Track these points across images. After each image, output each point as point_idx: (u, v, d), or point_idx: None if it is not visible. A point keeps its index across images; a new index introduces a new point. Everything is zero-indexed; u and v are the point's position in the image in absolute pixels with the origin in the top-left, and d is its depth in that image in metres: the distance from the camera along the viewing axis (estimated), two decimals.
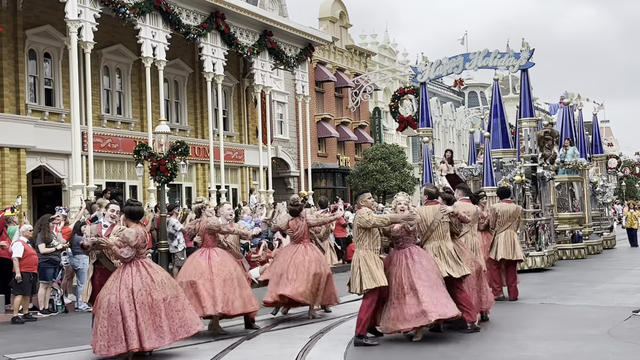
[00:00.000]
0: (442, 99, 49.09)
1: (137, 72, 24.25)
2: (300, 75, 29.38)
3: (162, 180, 17.46)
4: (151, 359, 8.21)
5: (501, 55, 14.23)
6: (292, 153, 33.58)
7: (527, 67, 13.67)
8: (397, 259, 8.77)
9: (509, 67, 13.94)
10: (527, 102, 14.32)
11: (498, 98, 15.68)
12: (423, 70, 14.32)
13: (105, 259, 8.83)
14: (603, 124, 67.55)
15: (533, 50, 13.89)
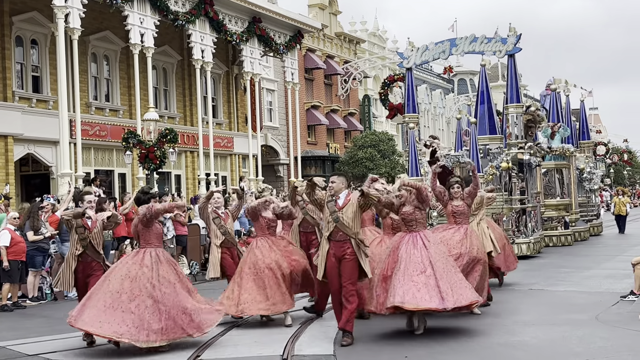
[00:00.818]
0: (431, 86, 49.08)
1: (125, 59, 24.12)
2: (290, 62, 29.29)
3: (151, 167, 17.45)
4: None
5: (488, 40, 14.15)
6: (281, 141, 33.54)
7: (514, 52, 13.59)
8: (410, 240, 8.41)
9: (495, 53, 13.86)
10: (514, 88, 14.27)
11: (485, 84, 15.62)
12: (409, 55, 14.20)
13: (92, 249, 8.62)
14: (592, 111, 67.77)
15: (520, 36, 13.80)
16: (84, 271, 8.58)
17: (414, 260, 8.16)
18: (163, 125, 20.55)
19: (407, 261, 8.17)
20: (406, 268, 8.11)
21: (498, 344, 7.77)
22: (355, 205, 8.22)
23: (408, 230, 8.59)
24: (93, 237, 8.67)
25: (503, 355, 7.30)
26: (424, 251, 8.26)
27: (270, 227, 9.70)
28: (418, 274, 8.04)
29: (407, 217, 8.61)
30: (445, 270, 8.16)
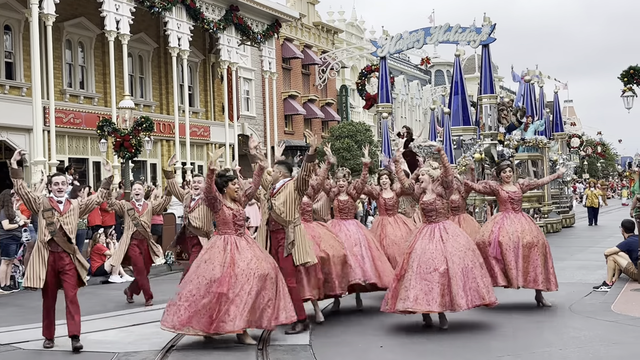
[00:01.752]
0: (409, 77, 49.17)
1: (101, 46, 23.86)
2: (267, 51, 29.15)
3: (126, 156, 17.29)
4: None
5: (462, 30, 14.08)
6: (258, 130, 33.41)
7: (489, 42, 13.55)
8: (427, 232, 8.00)
9: (470, 42, 13.80)
10: (488, 78, 14.23)
11: (459, 75, 15.56)
12: (384, 44, 14.10)
13: (62, 237, 7.57)
14: (566, 103, 68.42)
15: (494, 26, 13.75)
16: (54, 263, 7.56)
17: (428, 256, 7.79)
18: (138, 114, 20.38)
19: (420, 258, 7.80)
20: (419, 266, 7.76)
21: (472, 333, 7.82)
22: (290, 193, 8.03)
23: (427, 222, 8.15)
24: (64, 222, 7.63)
25: (478, 344, 7.34)
26: (440, 245, 7.86)
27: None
28: (431, 271, 7.70)
29: (427, 207, 8.14)
30: (461, 267, 7.76)
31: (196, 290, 7.26)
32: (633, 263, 10.91)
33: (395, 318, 8.34)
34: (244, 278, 7.22)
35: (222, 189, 7.66)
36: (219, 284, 7.20)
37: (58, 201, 7.70)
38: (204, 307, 7.19)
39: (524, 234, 8.95)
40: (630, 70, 14.08)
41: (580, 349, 6.98)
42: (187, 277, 7.51)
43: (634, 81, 14.11)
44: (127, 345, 7.74)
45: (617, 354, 6.77)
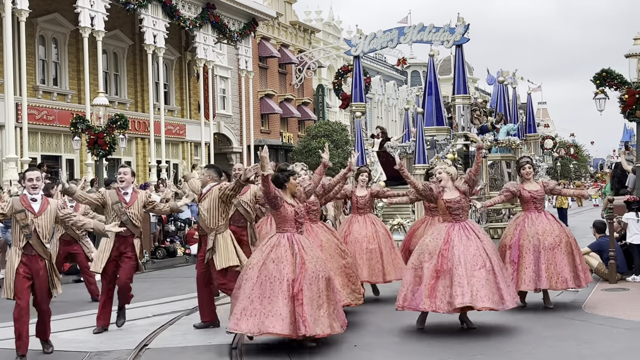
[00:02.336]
0: (385, 77, 49.33)
1: (75, 43, 23.61)
2: (244, 50, 29.09)
3: (100, 154, 17.13)
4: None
5: (436, 29, 14.03)
6: (234, 129, 33.31)
7: (462, 42, 13.54)
8: (462, 230, 7.76)
9: (443, 42, 13.77)
10: (461, 79, 14.20)
11: (433, 75, 15.53)
12: (357, 43, 14.04)
13: (37, 240, 6.92)
14: (540, 105, 69.12)
15: (468, 26, 13.76)
16: (29, 267, 6.91)
17: (472, 253, 7.57)
18: (113, 111, 20.20)
19: (465, 254, 7.56)
20: (466, 262, 7.52)
21: (449, 332, 7.87)
22: (214, 199, 8.05)
23: (453, 220, 7.87)
24: (39, 225, 6.97)
25: (454, 343, 7.38)
26: (479, 242, 7.70)
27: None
28: (479, 268, 7.50)
29: (454, 205, 7.85)
30: (499, 265, 7.72)
31: (270, 292, 6.83)
32: (604, 263, 11.05)
33: (369, 316, 8.37)
34: (314, 280, 6.94)
35: (283, 184, 7.32)
36: (292, 286, 6.82)
37: (32, 199, 7.01)
38: (280, 310, 6.77)
39: (545, 235, 8.76)
40: (602, 73, 14.21)
41: (552, 347, 7.06)
42: (251, 278, 6.95)
43: (606, 84, 14.25)
44: (99, 344, 7.67)
45: (587, 353, 6.86)
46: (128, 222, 8.36)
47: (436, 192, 7.98)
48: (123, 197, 8.48)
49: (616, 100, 14.11)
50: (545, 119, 64.84)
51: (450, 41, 14.00)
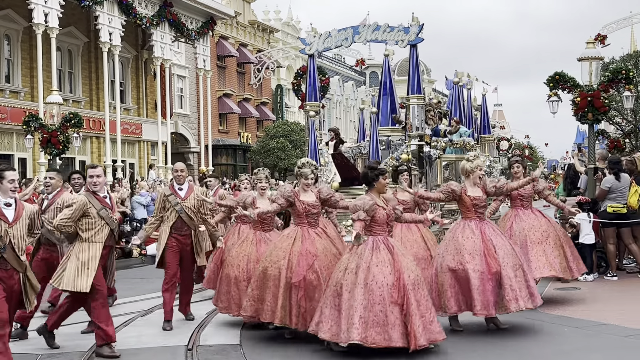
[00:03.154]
0: (344, 78, 49.52)
1: (28, 39, 23.20)
2: (202, 49, 28.92)
3: (54, 152, 16.89)
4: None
5: (391, 29, 13.97)
6: (192, 128, 33.07)
7: (416, 42, 13.49)
8: (492, 227, 7.63)
9: (398, 42, 13.74)
10: (416, 79, 14.16)
11: (388, 75, 15.52)
12: (312, 41, 13.92)
13: (11, 252, 6.00)
14: (496, 107, 70.12)
15: (422, 25, 13.73)
16: (4, 282, 6.04)
17: (510, 252, 7.44)
18: (67, 109, 19.90)
19: (509, 256, 7.38)
20: (507, 262, 7.36)
21: None
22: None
23: (479, 219, 7.68)
24: (14, 236, 6.02)
25: None
26: (507, 241, 7.62)
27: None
28: (516, 268, 7.41)
29: (480, 203, 7.72)
30: (526, 262, 7.67)
31: (368, 296, 6.42)
32: None
33: None
34: (410, 286, 6.50)
35: (372, 183, 6.92)
36: (392, 293, 6.41)
37: (6, 204, 6.02)
38: (377, 317, 6.37)
39: (532, 231, 8.81)
40: (555, 75, 14.48)
41: (507, 346, 7.15)
42: (358, 283, 6.50)
43: (559, 86, 14.54)
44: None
45: (537, 352, 6.97)
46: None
47: (459, 190, 7.77)
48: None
49: (569, 103, 14.39)
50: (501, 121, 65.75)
51: (404, 41, 13.94)
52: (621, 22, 26.39)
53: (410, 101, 14.03)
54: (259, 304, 7.28)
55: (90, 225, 7.06)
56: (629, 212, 11.18)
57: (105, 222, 7.10)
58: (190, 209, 8.36)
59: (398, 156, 13.86)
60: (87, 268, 6.96)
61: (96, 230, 7.06)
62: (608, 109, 14.71)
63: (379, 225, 6.74)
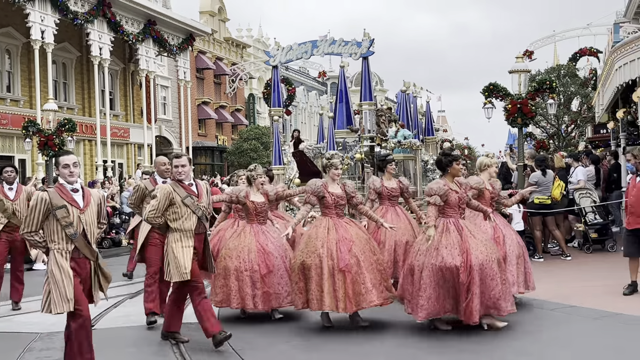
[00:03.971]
0: (308, 88, 49.49)
1: (27, 54, 22.74)
2: (182, 62, 28.64)
3: (50, 154, 16.59)
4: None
5: (345, 43, 14.03)
6: (174, 132, 32.74)
7: (368, 55, 13.60)
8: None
9: (351, 55, 13.83)
10: (367, 88, 14.25)
11: (344, 84, 15.58)
12: (275, 54, 13.93)
13: (83, 242, 5.12)
14: (440, 113, 70.78)
15: (373, 40, 13.84)
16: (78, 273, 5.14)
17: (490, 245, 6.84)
18: (62, 116, 19.56)
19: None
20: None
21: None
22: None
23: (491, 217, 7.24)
24: (86, 222, 5.13)
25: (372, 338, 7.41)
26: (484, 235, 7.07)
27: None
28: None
29: (495, 197, 7.58)
30: None
31: (440, 276, 6.16)
32: None
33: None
34: (477, 267, 6.12)
35: (446, 169, 6.52)
36: (459, 273, 6.11)
37: (73, 189, 5.18)
38: (446, 294, 6.18)
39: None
40: (490, 86, 14.70)
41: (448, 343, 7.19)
42: (428, 266, 6.23)
43: (493, 95, 14.75)
44: (49, 326, 7.41)
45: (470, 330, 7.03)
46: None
47: (482, 187, 7.39)
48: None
49: (502, 109, 14.60)
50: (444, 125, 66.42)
51: (357, 54, 14.00)
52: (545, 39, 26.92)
53: (363, 107, 14.10)
54: (305, 295, 6.65)
55: (176, 215, 6.10)
56: (553, 203, 11.41)
57: (192, 210, 6.07)
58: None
59: (352, 155, 13.87)
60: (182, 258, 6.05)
61: (183, 219, 6.07)
62: (535, 115, 14.98)
63: (451, 208, 6.43)
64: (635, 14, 24.95)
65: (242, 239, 7.29)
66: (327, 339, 6.47)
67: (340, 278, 6.45)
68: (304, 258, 6.63)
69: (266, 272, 7.05)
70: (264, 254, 7.13)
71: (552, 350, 5.87)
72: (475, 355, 5.77)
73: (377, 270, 6.62)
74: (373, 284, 6.50)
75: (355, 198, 7.03)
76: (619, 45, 12.78)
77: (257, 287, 7.05)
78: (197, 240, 6.17)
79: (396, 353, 5.97)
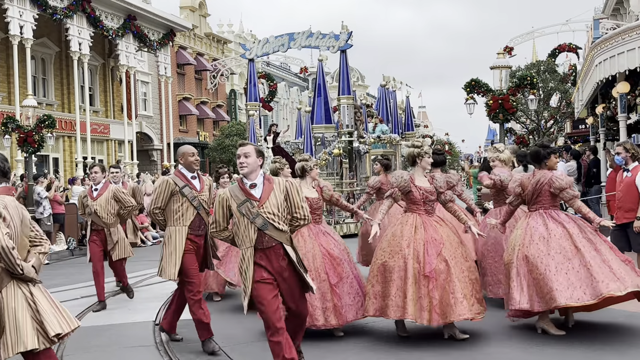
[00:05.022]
0: (289, 83, 49.36)
1: (5, 49, 22.35)
2: (163, 57, 28.39)
3: (30, 150, 16.35)
4: None
5: (323, 36, 13.80)
6: (155, 128, 32.46)
7: (346, 48, 13.41)
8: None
9: (329, 48, 13.61)
10: (346, 81, 14.04)
11: (322, 78, 15.32)
12: (252, 47, 13.68)
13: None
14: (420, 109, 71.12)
15: (351, 33, 13.64)
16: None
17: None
18: (41, 112, 19.26)
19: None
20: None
21: None
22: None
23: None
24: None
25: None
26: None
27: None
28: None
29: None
30: None
31: (542, 263, 5.71)
32: None
33: None
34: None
35: (543, 161, 6.11)
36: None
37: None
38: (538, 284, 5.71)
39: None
40: (472, 82, 14.78)
41: None
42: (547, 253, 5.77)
43: (474, 91, 14.83)
44: None
45: None
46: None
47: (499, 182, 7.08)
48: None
49: (483, 105, 14.68)
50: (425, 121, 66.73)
51: (335, 47, 13.79)
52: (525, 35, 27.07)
53: (341, 101, 13.86)
54: (382, 300, 5.80)
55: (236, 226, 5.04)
56: None
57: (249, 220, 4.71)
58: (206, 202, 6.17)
59: (330, 151, 13.71)
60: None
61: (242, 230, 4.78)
62: (516, 110, 15.09)
63: (554, 199, 6.08)
64: (614, 10, 25.22)
65: (302, 243, 6.10)
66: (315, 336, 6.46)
67: (425, 284, 5.65)
68: (386, 258, 5.81)
69: (337, 280, 6.04)
70: (330, 260, 6.10)
71: None
72: None
73: (468, 279, 5.79)
74: (464, 295, 5.65)
75: (444, 194, 6.13)
76: (599, 41, 12.90)
77: (327, 298, 5.97)
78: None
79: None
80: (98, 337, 6.73)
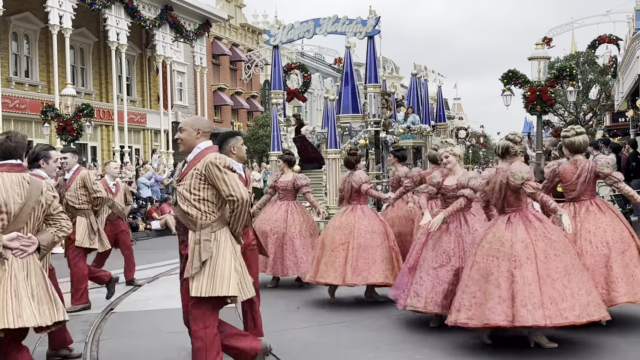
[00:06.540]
0: (323, 74, 49.29)
1: (45, 39, 22.80)
2: (199, 48, 28.61)
3: (69, 139, 16.69)
4: None
5: (349, 21, 13.39)
6: None
7: (373, 34, 12.97)
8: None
9: (356, 34, 13.20)
10: (373, 69, 13.62)
11: (350, 66, 14.95)
12: (276, 33, 13.33)
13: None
14: (455, 101, 70.32)
15: (379, 18, 13.17)
16: None
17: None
18: (80, 101, 19.63)
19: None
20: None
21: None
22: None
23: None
24: None
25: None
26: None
27: None
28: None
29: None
30: None
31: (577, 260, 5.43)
32: None
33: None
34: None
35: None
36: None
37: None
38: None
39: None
40: (509, 73, 14.57)
41: None
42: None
43: (512, 82, 14.61)
44: None
45: None
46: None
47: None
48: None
49: (520, 97, 14.46)
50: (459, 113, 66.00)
51: (362, 32, 13.38)
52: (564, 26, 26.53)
53: (367, 90, 13.42)
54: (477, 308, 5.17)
55: None
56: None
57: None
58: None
59: (356, 142, 13.33)
60: None
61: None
62: (554, 102, 14.83)
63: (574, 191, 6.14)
64: None
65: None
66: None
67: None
68: (489, 262, 5.27)
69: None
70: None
71: None
72: None
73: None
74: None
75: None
76: None
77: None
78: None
79: None
80: (136, 322, 6.83)
